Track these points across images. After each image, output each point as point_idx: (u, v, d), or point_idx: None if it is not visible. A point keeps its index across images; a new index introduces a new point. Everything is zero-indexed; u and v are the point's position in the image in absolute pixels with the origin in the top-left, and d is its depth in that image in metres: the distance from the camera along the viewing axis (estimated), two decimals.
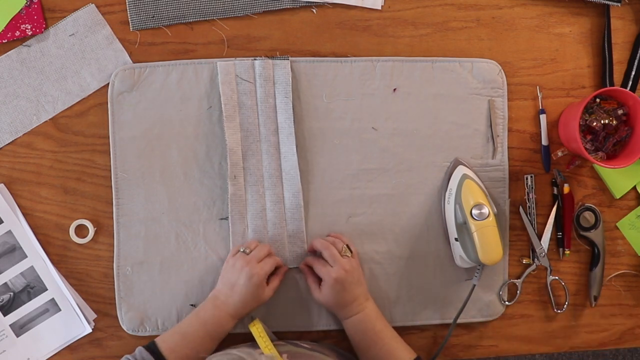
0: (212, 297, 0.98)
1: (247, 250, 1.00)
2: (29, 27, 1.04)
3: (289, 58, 1.06)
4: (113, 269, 1.05)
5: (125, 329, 1.06)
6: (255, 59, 1.05)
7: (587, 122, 1.06)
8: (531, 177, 1.10)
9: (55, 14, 1.05)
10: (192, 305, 1.05)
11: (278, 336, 1.07)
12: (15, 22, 1.03)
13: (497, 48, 1.10)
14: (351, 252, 1.03)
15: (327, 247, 1.01)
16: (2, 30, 1.03)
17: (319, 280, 1.02)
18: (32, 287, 1.05)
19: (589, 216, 1.10)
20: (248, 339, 1.08)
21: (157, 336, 0.97)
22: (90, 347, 1.07)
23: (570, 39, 1.11)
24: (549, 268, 1.10)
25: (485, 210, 0.99)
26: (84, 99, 1.06)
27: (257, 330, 0.96)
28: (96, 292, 1.06)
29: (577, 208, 1.11)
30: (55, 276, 1.05)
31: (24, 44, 1.05)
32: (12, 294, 1.05)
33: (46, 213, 1.06)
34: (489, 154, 1.09)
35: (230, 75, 1.05)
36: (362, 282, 1.02)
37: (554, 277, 1.10)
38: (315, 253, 1.05)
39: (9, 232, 1.05)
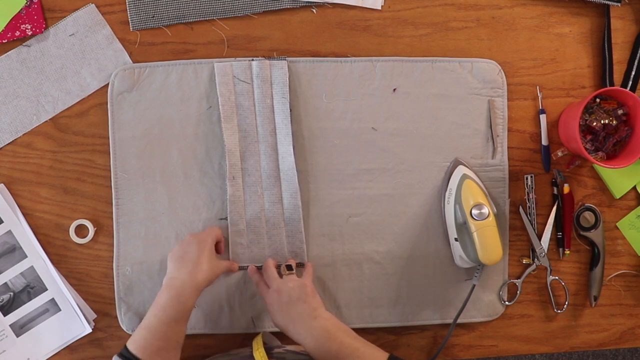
0: (165, 284, 0.95)
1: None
2: (29, 27, 1.04)
3: (287, 58, 1.06)
4: (113, 269, 1.05)
5: (124, 329, 1.06)
6: (252, 60, 1.05)
7: (587, 122, 1.06)
8: (531, 177, 1.10)
9: (55, 14, 1.05)
10: None
11: (280, 337, 1.07)
12: (15, 22, 1.03)
13: (497, 48, 1.10)
14: (292, 269, 1.01)
15: (265, 268, 1.02)
16: (2, 30, 1.03)
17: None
18: (32, 287, 1.05)
19: (589, 216, 1.10)
20: (247, 339, 1.08)
21: None
22: (90, 347, 1.07)
23: (570, 39, 1.11)
24: (549, 268, 1.10)
25: (485, 210, 0.99)
26: (84, 99, 1.06)
27: (259, 354, 0.95)
28: (96, 292, 1.06)
29: (577, 208, 1.11)
30: (55, 276, 1.05)
31: (24, 44, 1.05)
32: (12, 294, 1.05)
33: (46, 213, 1.06)
34: (489, 154, 1.09)
35: (228, 76, 1.05)
36: (302, 301, 0.95)
37: (554, 277, 1.10)
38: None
39: (9, 232, 1.05)
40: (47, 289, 1.05)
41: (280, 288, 0.97)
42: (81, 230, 1.06)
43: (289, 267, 1.01)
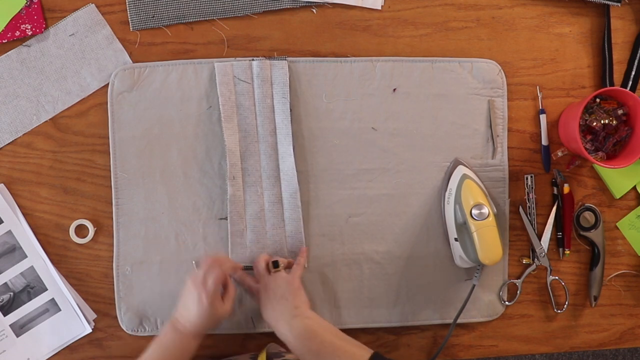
0: (172, 320, 0.94)
1: (198, 266, 0.98)
2: (29, 27, 1.04)
3: (287, 58, 1.06)
4: (113, 269, 1.05)
5: (124, 329, 1.06)
6: (252, 60, 1.05)
7: (587, 122, 1.06)
8: (531, 177, 1.10)
9: (55, 14, 1.05)
10: None
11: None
12: (15, 22, 1.03)
13: (497, 48, 1.10)
14: (279, 266, 1.00)
15: (256, 264, 1.02)
16: (2, 30, 1.03)
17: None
18: (32, 287, 1.05)
19: (589, 216, 1.10)
20: (247, 339, 1.08)
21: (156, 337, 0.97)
22: (90, 347, 1.07)
23: (570, 39, 1.11)
24: (549, 268, 1.10)
25: (485, 210, 0.99)
26: (84, 99, 1.06)
27: None
28: (96, 292, 1.06)
29: (577, 208, 1.11)
30: (55, 276, 1.05)
31: (24, 44, 1.05)
32: (12, 294, 1.05)
33: (46, 213, 1.06)
34: (489, 154, 1.09)
35: (228, 76, 1.05)
36: (285, 298, 0.95)
37: (554, 277, 1.10)
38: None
39: (9, 232, 1.05)
40: (47, 289, 1.05)
41: (267, 284, 0.98)
42: (81, 230, 1.06)
43: (275, 264, 1.01)
